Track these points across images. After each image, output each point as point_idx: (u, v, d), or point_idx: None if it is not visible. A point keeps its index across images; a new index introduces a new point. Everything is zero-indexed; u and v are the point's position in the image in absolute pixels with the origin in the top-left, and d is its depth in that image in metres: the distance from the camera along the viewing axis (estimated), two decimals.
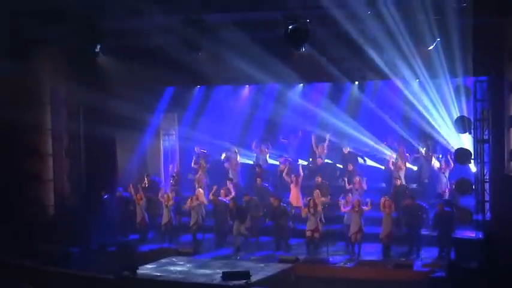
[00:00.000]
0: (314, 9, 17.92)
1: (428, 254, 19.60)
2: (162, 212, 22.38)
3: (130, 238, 22.64)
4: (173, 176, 24.58)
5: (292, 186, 22.51)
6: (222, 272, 17.12)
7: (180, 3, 18.27)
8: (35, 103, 22.03)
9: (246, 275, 16.90)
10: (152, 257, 20.17)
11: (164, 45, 20.13)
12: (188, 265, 19.19)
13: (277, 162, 24.90)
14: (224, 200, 21.70)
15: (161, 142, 25.89)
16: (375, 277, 18.26)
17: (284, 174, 23.20)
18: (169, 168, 25.66)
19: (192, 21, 18.85)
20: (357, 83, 23.30)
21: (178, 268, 18.84)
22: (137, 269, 17.85)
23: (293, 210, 22.06)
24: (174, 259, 19.89)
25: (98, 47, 20.63)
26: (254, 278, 16.98)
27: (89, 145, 22.94)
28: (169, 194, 22.28)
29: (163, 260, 19.71)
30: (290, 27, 18.27)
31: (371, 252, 20.07)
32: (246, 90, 26.14)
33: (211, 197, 21.97)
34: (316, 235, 20.17)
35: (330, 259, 19.47)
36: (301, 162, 25.08)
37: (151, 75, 21.21)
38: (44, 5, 19.03)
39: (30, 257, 19.06)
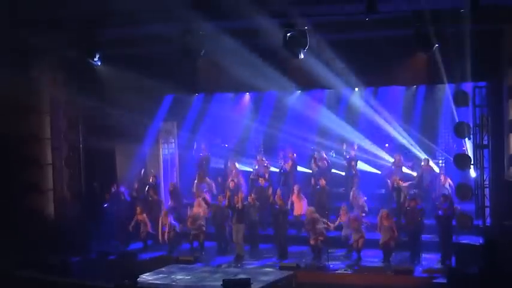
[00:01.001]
0: (312, 16, 17.95)
1: (428, 260, 19.58)
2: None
3: (130, 247, 22.59)
4: (170, 189, 24.45)
5: (294, 196, 22.39)
6: (223, 280, 17.09)
7: (178, 12, 18.26)
8: (34, 113, 22.05)
9: (246, 282, 16.87)
10: (153, 265, 20.14)
11: (163, 54, 20.17)
12: (189, 273, 19.15)
13: (278, 170, 24.92)
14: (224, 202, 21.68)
15: (160, 150, 25.86)
16: (376, 283, 18.29)
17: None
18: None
19: (191, 29, 18.88)
20: (356, 89, 23.31)
21: (179, 276, 18.81)
22: (137, 277, 17.83)
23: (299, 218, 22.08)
24: (174, 267, 19.86)
25: (97, 56, 20.63)
26: (255, 286, 16.96)
27: (88, 154, 22.93)
28: (166, 217, 22.09)
29: (163, 269, 19.67)
30: (288, 34, 18.30)
31: (372, 259, 20.05)
32: (245, 97, 26.17)
33: (219, 198, 21.97)
34: (321, 238, 20.15)
35: (331, 266, 19.48)
36: (302, 169, 25.16)
37: (150, 84, 21.22)
38: (43, 14, 19.05)
39: (30, 266, 19.02)
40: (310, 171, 24.64)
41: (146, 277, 18.54)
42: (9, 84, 20.22)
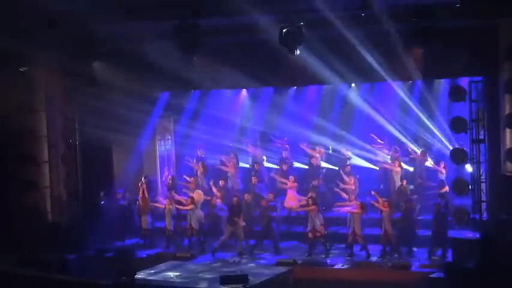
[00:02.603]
0: (308, 12, 17.92)
1: (426, 255, 19.59)
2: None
3: (127, 243, 22.57)
4: (168, 182, 24.40)
5: (288, 187, 22.43)
6: (220, 276, 17.10)
7: (174, 9, 18.25)
8: (31, 110, 22.00)
9: (243, 278, 16.88)
10: (150, 262, 20.19)
11: (159, 51, 20.15)
12: (186, 270, 19.20)
13: (275, 166, 24.93)
14: (220, 206, 21.66)
15: (157, 147, 25.87)
16: (373, 278, 18.36)
17: (279, 177, 23.19)
18: (165, 172, 25.49)
19: (187, 26, 18.84)
20: (353, 85, 23.30)
21: (177, 273, 18.87)
22: (135, 274, 17.82)
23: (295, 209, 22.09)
24: (172, 264, 19.90)
25: (93, 53, 20.58)
26: (252, 282, 16.98)
27: (85, 151, 22.92)
28: (169, 200, 22.11)
29: (161, 265, 19.73)
30: (284, 30, 18.27)
31: (369, 253, 20.03)
32: (241, 94, 26.15)
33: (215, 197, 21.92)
34: (311, 235, 20.17)
35: (328, 261, 19.51)
36: (297, 164, 25.15)
37: (146, 81, 21.21)
38: (38, 13, 19.00)
39: (27, 264, 18.99)
40: (307, 167, 24.72)
41: (144, 274, 18.57)
42: (5, 82, 20.19)
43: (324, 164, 24.75)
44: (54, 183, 22.71)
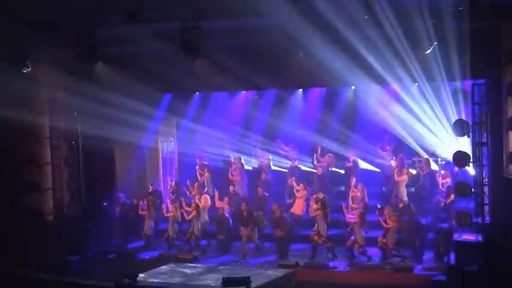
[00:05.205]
0: (310, 14, 17.91)
1: (428, 258, 19.57)
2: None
3: (130, 245, 22.55)
4: (171, 185, 24.37)
5: (297, 196, 22.39)
6: (222, 278, 17.13)
7: (177, 11, 18.26)
8: (33, 112, 22.02)
9: (246, 281, 16.91)
10: (152, 264, 20.19)
11: (162, 52, 20.15)
12: (188, 272, 19.21)
13: (283, 169, 24.92)
14: (226, 213, 21.59)
15: (160, 149, 25.85)
16: (375, 281, 18.35)
17: (293, 183, 23.06)
18: (168, 181, 25.34)
19: (189, 28, 18.84)
20: (353, 87, 23.27)
21: (179, 275, 18.85)
22: (137, 276, 17.84)
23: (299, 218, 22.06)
24: (174, 266, 19.90)
25: (96, 55, 20.58)
26: (254, 284, 17.00)
27: (87, 153, 22.96)
28: (174, 206, 22.03)
29: (163, 267, 19.72)
30: (286, 32, 18.28)
31: (371, 256, 20.01)
32: (244, 96, 26.12)
33: (218, 204, 21.85)
34: (316, 238, 20.16)
35: (330, 264, 19.48)
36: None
37: (148, 83, 21.20)
38: (41, 14, 19.03)
39: (29, 266, 19.02)
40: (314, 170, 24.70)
41: (146, 276, 18.57)
42: (8, 83, 20.21)
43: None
44: (56, 184, 22.80)
